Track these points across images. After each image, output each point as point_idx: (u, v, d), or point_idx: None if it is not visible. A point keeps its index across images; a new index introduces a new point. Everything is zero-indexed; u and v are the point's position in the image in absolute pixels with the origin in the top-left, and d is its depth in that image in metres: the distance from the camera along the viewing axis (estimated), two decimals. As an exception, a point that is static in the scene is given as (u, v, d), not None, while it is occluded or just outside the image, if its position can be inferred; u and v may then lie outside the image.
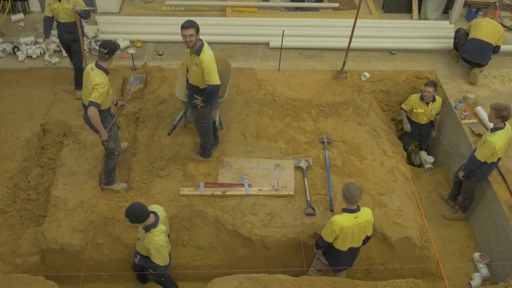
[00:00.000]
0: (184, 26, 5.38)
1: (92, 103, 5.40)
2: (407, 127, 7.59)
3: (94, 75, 5.43)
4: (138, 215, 4.80)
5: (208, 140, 6.36)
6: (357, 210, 5.10)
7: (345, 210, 5.12)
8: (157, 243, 4.92)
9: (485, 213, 6.62)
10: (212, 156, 6.62)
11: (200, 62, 5.52)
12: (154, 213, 4.99)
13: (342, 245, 5.22)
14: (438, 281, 6.34)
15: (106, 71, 5.55)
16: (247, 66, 8.34)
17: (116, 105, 6.27)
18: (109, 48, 5.40)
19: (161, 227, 4.99)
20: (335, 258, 5.39)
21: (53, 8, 6.99)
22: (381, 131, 7.35)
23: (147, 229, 4.91)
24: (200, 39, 5.59)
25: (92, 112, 5.43)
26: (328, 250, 5.40)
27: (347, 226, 5.05)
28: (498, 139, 5.96)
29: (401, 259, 6.13)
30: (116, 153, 6.06)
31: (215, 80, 5.56)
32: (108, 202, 6.07)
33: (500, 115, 5.91)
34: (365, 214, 5.15)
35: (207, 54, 5.52)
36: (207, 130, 6.21)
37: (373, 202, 6.20)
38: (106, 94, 5.53)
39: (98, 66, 5.49)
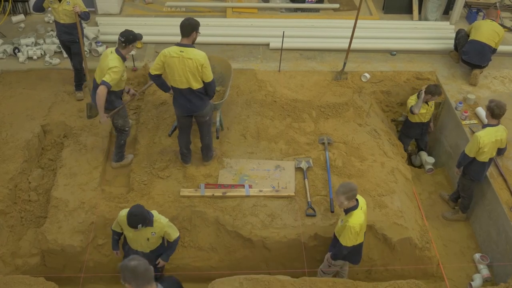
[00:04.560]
0: None
1: (104, 82, 5.70)
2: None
3: (111, 59, 5.75)
4: (145, 214, 4.83)
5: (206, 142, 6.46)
6: (357, 205, 5.15)
7: (351, 209, 5.15)
8: (167, 222, 5.11)
9: (486, 214, 6.61)
10: (213, 156, 6.64)
11: None
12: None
13: (361, 238, 5.37)
14: (439, 282, 6.33)
15: (124, 58, 5.88)
16: (248, 67, 8.34)
17: (128, 92, 6.44)
18: (126, 37, 5.78)
19: (154, 211, 5.14)
20: (356, 252, 5.46)
21: (53, 7, 6.98)
22: (382, 132, 7.34)
23: (151, 222, 4.97)
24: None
25: (102, 90, 5.71)
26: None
27: (362, 222, 5.21)
28: (484, 135, 6.03)
29: (401, 260, 6.13)
30: (127, 129, 6.43)
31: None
32: (109, 203, 6.07)
33: (487, 106, 6.07)
34: (363, 203, 5.26)
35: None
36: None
37: (374, 203, 6.20)
38: (119, 78, 5.84)
39: (117, 51, 5.85)
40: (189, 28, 5.51)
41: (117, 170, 6.71)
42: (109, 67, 5.70)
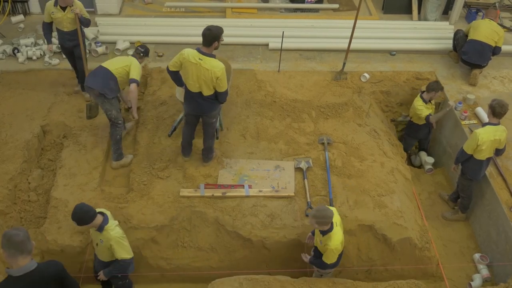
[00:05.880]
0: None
1: (134, 80, 6.20)
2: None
3: (134, 61, 6.31)
4: (83, 214, 4.74)
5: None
6: (332, 226, 5.09)
7: (328, 231, 5.09)
8: (116, 236, 4.92)
9: (486, 214, 6.62)
10: (213, 157, 6.64)
11: None
12: (101, 213, 4.95)
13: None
14: (439, 282, 6.34)
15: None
16: (247, 67, 8.35)
17: (129, 108, 6.88)
18: (145, 50, 6.52)
19: (114, 221, 5.01)
20: (338, 259, 5.43)
21: (55, 17, 6.93)
22: (381, 132, 7.35)
23: (101, 228, 4.87)
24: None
25: (135, 88, 6.20)
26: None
27: (342, 238, 5.22)
28: (483, 132, 6.07)
29: (401, 260, 6.13)
30: (120, 122, 6.49)
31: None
32: (108, 204, 6.07)
33: (489, 104, 6.12)
34: (336, 218, 5.21)
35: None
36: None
37: (373, 203, 6.20)
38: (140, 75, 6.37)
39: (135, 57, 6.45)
40: (210, 38, 5.50)
41: (116, 170, 6.71)
42: (135, 65, 6.24)
